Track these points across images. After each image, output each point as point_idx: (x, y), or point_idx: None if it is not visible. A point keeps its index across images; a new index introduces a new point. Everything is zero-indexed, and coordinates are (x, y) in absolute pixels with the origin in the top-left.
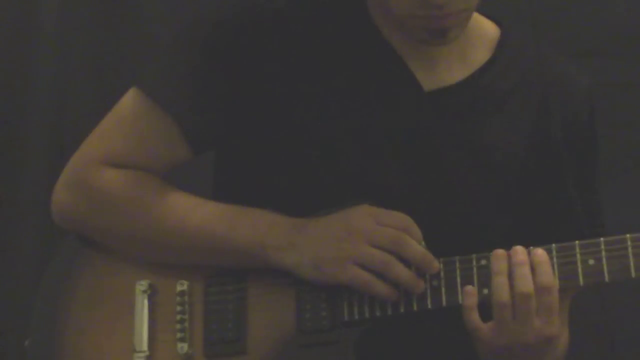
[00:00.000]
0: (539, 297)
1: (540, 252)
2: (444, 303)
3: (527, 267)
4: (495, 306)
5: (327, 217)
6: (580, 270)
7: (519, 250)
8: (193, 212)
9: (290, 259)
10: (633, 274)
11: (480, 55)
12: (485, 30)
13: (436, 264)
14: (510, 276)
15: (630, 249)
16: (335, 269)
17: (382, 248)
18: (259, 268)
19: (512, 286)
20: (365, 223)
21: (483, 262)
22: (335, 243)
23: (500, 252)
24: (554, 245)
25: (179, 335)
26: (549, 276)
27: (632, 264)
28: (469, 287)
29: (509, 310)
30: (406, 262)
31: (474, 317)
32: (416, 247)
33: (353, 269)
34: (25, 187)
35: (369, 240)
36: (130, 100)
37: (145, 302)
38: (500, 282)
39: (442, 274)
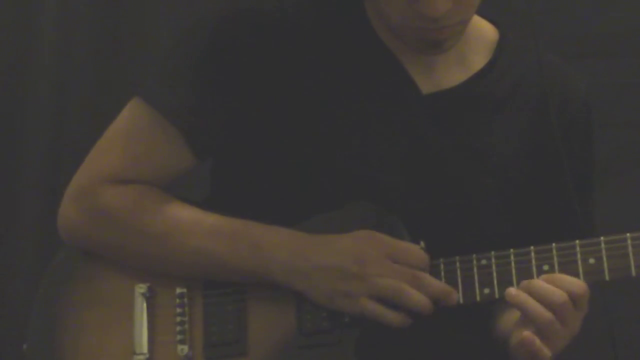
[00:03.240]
0: (579, 303)
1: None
2: None
3: (541, 282)
4: (543, 326)
5: (333, 242)
6: (580, 269)
7: (525, 284)
8: (194, 229)
9: (299, 285)
10: (633, 273)
11: (479, 58)
12: (484, 32)
13: (455, 295)
14: (535, 295)
15: (630, 248)
16: (348, 303)
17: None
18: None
19: (546, 302)
20: (378, 259)
21: (483, 261)
22: (347, 279)
23: (512, 290)
24: (554, 244)
25: (179, 337)
26: (578, 284)
27: (632, 262)
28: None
29: (557, 323)
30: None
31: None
32: (435, 284)
33: (365, 302)
34: (24, 191)
35: (387, 274)
36: (132, 111)
37: (145, 304)
38: (535, 306)
39: (442, 274)
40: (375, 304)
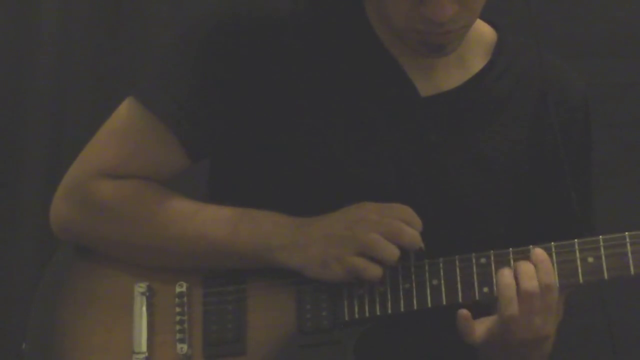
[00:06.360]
0: (541, 295)
1: (539, 252)
2: (444, 302)
3: (530, 266)
4: (502, 301)
5: (330, 216)
6: (579, 268)
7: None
8: (194, 217)
9: (297, 259)
10: (632, 272)
11: (477, 60)
12: (482, 34)
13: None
14: (515, 275)
15: (629, 247)
16: (339, 266)
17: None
18: (260, 268)
19: (517, 284)
20: (367, 215)
21: (482, 260)
22: (339, 244)
23: (506, 271)
24: (553, 243)
25: (178, 336)
26: (550, 275)
27: (630, 261)
28: (463, 312)
29: (515, 307)
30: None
31: (473, 336)
32: (411, 231)
33: (350, 259)
34: (24, 191)
35: (368, 228)
36: (126, 110)
37: (144, 303)
38: (506, 280)
39: (441, 273)
40: (357, 258)
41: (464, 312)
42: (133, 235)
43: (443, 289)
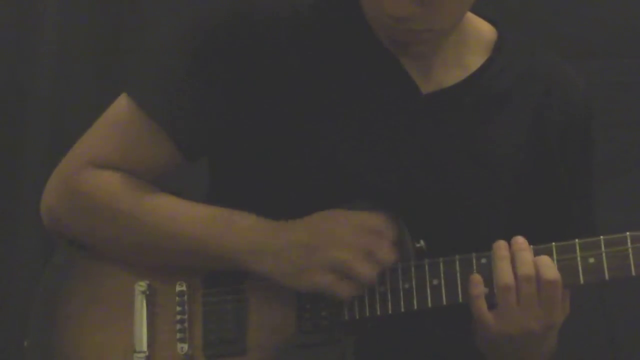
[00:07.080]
0: (544, 289)
1: (543, 257)
2: (445, 302)
3: (527, 253)
4: (500, 290)
5: (300, 222)
6: (580, 268)
7: (519, 239)
8: (171, 214)
9: (265, 265)
10: (633, 272)
11: (477, 57)
12: (482, 32)
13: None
14: (513, 262)
15: (630, 248)
16: (308, 279)
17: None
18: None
19: (515, 271)
20: (337, 228)
21: (483, 260)
22: (308, 254)
23: (502, 242)
24: (554, 244)
25: (178, 335)
26: (552, 270)
27: (632, 262)
28: (476, 276)
29: (513, 294)
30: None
31: (482, 305)
32: (385, 251)
33: (318, 276)
34: (24, 191)
35: (341, 246)
36: (120, 106)
37: (145, 302)
38: (503, 267)
39: (442, 274)
40: (326, 276)
41: (476, 276)
42: (110, 228)
43: (443, 289)
